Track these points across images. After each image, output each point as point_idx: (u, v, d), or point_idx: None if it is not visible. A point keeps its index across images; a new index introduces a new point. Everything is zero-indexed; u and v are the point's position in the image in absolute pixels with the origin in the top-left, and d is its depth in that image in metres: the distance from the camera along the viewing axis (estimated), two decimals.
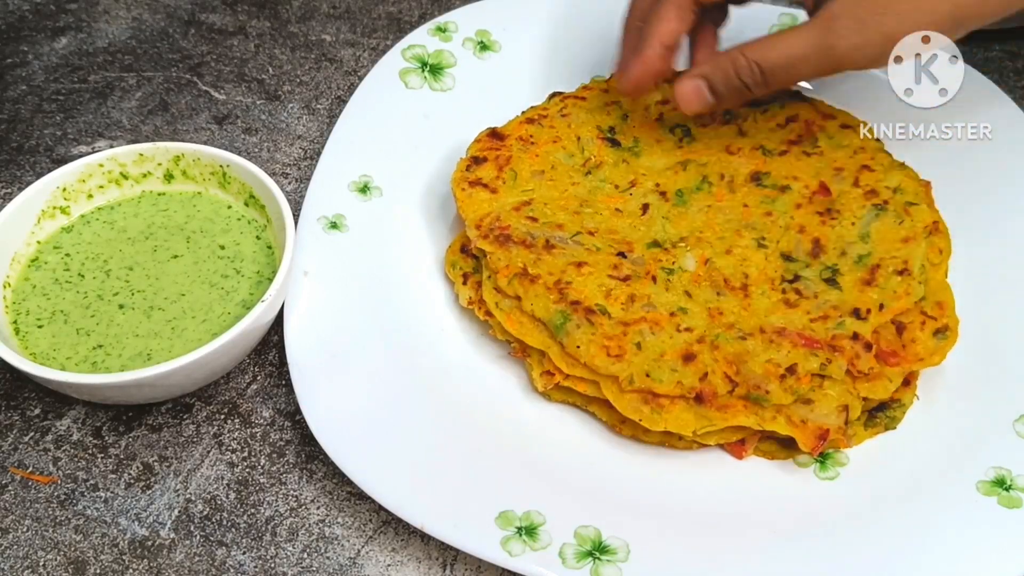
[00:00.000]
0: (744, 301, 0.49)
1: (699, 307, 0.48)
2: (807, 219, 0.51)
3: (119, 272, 0.52)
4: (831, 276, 0.49)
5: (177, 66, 0.73)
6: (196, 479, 0.49)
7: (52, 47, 0.74)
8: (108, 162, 0.55)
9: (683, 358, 0.46)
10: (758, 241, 0.51)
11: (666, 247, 0.51)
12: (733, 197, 0.53)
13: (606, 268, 0.50)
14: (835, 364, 0.45)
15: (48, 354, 0.48)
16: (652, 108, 0.59)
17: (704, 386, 0.45)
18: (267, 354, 0.54)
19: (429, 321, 0.53)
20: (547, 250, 0.50)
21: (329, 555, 0.46)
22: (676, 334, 0.47)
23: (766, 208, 0.52)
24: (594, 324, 0.47)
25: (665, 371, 0.46)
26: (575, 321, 0.47)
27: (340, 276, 0.54)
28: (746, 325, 0.47)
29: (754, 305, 0.48)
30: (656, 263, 0.50)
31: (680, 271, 0.50)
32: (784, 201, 0.53)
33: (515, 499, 0.45)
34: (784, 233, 0.51)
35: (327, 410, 0.47)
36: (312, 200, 0.56)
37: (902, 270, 0.48)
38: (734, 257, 0.50)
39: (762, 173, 0.54)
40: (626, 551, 0.43)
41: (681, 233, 0.52)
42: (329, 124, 0.67)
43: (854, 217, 0.51)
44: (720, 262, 0.50)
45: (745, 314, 0.48)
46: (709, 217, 0.53)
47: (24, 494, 0.48)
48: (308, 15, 0.77)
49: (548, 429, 0.49)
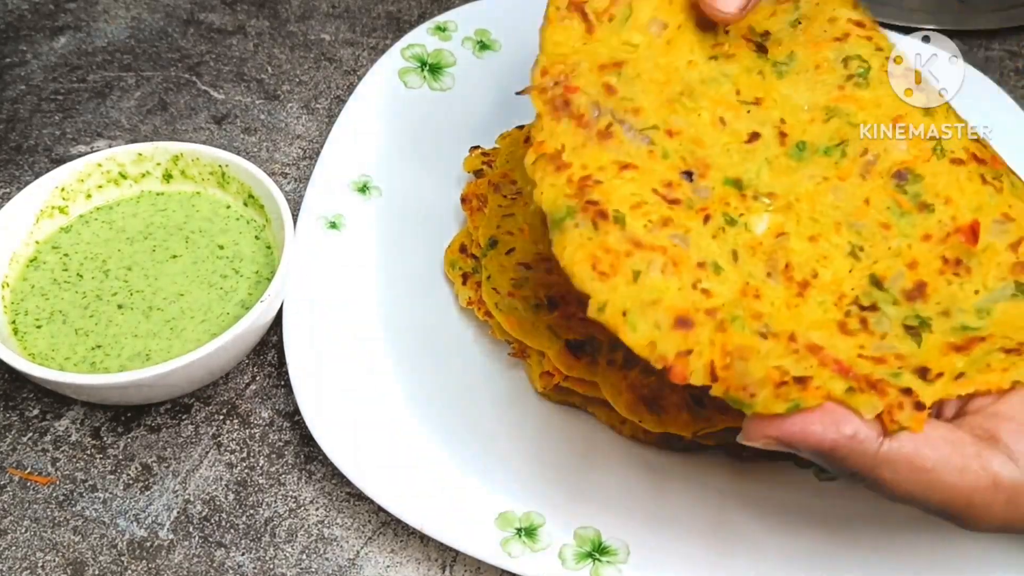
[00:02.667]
0: (793, 299, 0.38)
1: (737, 275, 0.37)
2: (927, 257, 0.39)
3: (118, 272, 0.52)
4: (916, 326, 0.37)
5: (176, 66, 0.72)
6: (195, 480, 0.49)
7: (51, 46, 0.74)
8: (107, 162, 0.55)
9: (676, 320, 0.35)
10: (853, 247, 0.39)
11: (746, 193, 0.40)
12: (859, 184, 0.41)
13: (656, 180, 0.38)
14: (866, 398, 0.33)
15: (47, 354, 0.48)
16: (841, 22, 0.44)
17: (677, 363, 0.34)
18: (266, 354, 0.54)
19: (428, 321, 0.53)
20: (601, 138, 0.39)
21: (328, 556, 0.46)
22: (689, 289, 0.36)
23: (888, 218, 0.40)
24: (598, 229, 0.36)
25: (645, 321, 0.35)
26: (577, 219, 0.36)
27: (339, 276, 0.53)
28: (776, 323, 0.36)
29: (802, 309, 0.37)
30: (722, 204, 0.39)
31: (744, 228, 0.39)
32: (915, 222, 0.40)
33: (515, 500, 0.45)
34: (890, 258, 0.39)
35: (326, 411, 0.47)
36: (311, 200, 0.56)
37: (1012, 349, 0.36)
38: (815, 248, 0.39)
39: (913, 174, 0.41)
40: (626, 552, 0.43)
41: (774, 188, 0.40)
42: (328, 124, 0.67)
43: (983, 285, 0.38)
44: (795, 244, 0.39)
45: (785, 312, 0.37)
46: (816, 190, 0.41)
47: (22, 495, 0.48)
48: (307, 14, 0.77)
49: (548, 429, 0.49)
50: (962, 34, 0.73)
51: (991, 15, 0.75)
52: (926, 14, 0.75)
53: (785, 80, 0.43)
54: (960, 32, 0.72)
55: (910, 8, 0.75)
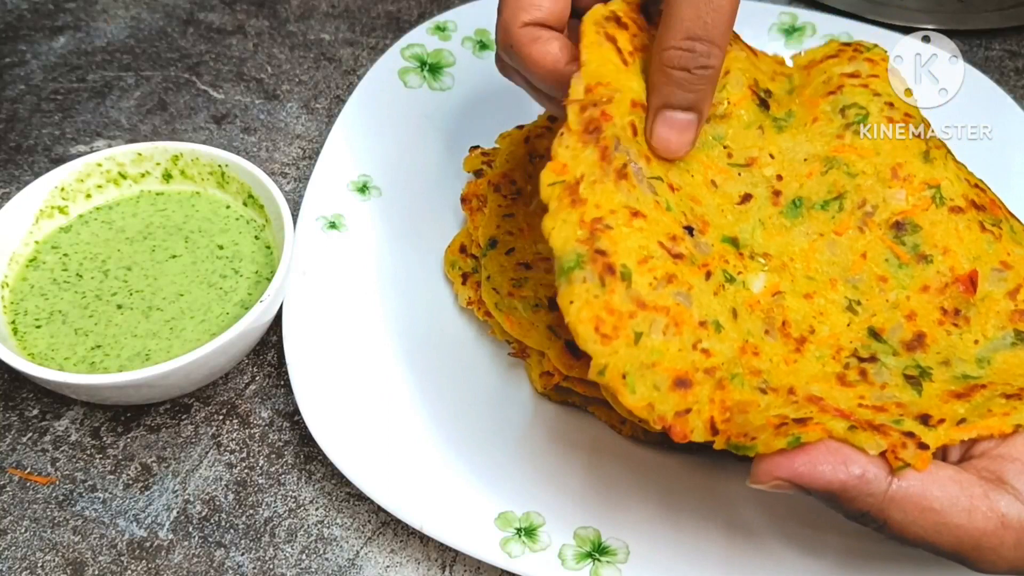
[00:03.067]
0: (791, 355, 0.38)
1: (736, 333, 0.38)
2: (925, 309, 0.39)
3: (117, 272, 0.52)
4: (916, 375, 0.38)
5: (176, 65, 0.72)
6: (194, 480, 0.49)
7: (50, 46, 0.74)
8: (106, 162, 0.55)
9: (675, 381, 0.35)
10: (850, 302, 0.40)
11: (742, 252, 0.41)
12: (856, 237, 0.41)
13: (662, 232, 0.38)
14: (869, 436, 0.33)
15: (46, 354, 0.48)
16: (834, 80, 0.45)
17: (676, 422, 0.35)
18: (266, 354, 0.54)
19: (428, 321, 0.53)
20: (618, 177, 0.38)
21: (328, 556, 0.46)
22: (689, 350, 0.36)
23: (886, 271, 0.40)
24: (604, 286, 0.35)
25: (644, 383, 0.35)
26: (586, 272, 0.35)
27: (339, 276, 0.53)
28: (775, 378, 0.37)
29: (800, 364, 0.38)
30: (721, 261, 0.39)
31: (741, 286, 0.39)
32: (912, 274, 0.40)
33: (515, 500, 0.45)
34: (888, 310, 0.40)
35: (326, 411, 0.47)
36: (311, 200, 0.56)
37: (1013, 395, 0.36)
38: (811, 305, 0.40)
39: (912, 225, 0.41)
40: (625, 552, 0.43)
41: (768, 248, 0.41)
42: (328, 123, 0.67)
43: (983, 335, 0.39)
44: (791, 302, 0.40)
45: (783, 368, 0.38)
46: (811, 248, 0.41)
47: (22, 495, 0.48)
48: (307, 14, 0.77)
49: (548, 429, 0.49)
50: (962, 34, 0.73)
51: (991, 15, 0.75)
52: (926, 14, 0.75)
53: (784, 134, 0.43)
54: (960, 32, 0.72)
55: (910, 8, 0.75)
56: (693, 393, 0.36)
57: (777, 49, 0.68)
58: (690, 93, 0.40)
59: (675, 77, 0.39)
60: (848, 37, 0.67)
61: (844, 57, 0.46)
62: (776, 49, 0.68)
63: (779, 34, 0.68)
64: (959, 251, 0.40)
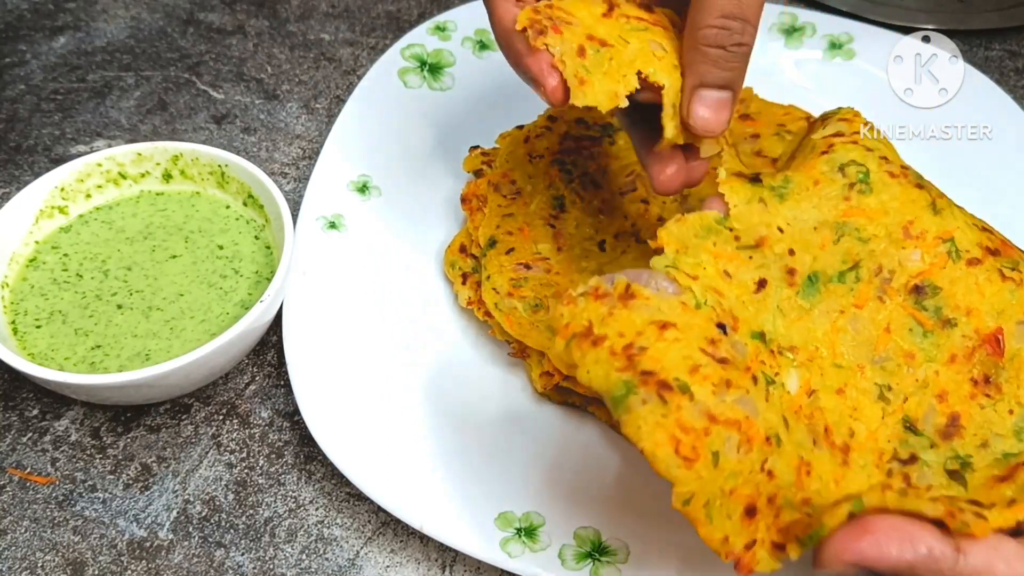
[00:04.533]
0: (840, 469, 0.37)
1: (792, 448, 0.36)
2: (955, 385, 0.39)
3: (117, 272, 0.52)
4: (958, 469, 0.37)
5: (175, 65, 0.72)
6: (194, 480, 0.49)
7: (50, 46, 0.74)
8: (106, 162, 0.55)
9: (746, 509, 0.34)
10: (881, 389, 0.39)
11: (772, 348, 0.39)
12: (877, 308, 0.40)
13: (699, 338, 0.35)
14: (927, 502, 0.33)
15: (46, 354, 0.48)
16: (819, 144, 0.43)
17: (743, 556, 0.34)
18: (266, 354, 0.54)
19: (428, 321, 0.53)
20: (625, 300, 0.36)
21: (328, 556, 0.46)
22: (758, 472, 0.34)
23: (912, 345, 0.39)
24: (668, 403, 0.33)
25: (721, 514, 0.34)
26: (641, 395, 0.33)
27: (339, 276, 0.53)
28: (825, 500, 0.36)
29: (848, 480, 0.37)
30: (758, 363, 0.37)
31: (781, 388, 0.38)
32: (938, 343, 0.39)
33: (515, 500, 0.45)
34: (918, 392, 0.39)
35: (326, 411, 0.47)
36: (311, 200, 0.56)
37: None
38: (845, 402, 0.39)
39: (932, 287, 0.40)
40: (625, 552, 0.43)
41: (793, 339, 0.39)
42: (328, 123, 0.67)
43: (1016, 402, 0.38)
44: (826, 401, 0.38)
45: (832, 489, 0.36)
46: (834, 329, 0.39)
47: (22, 495, 0.48)
48: (307, 14, 0.77)
49: (548, 429, 0.49)
50: (962, 34, 0.73)
51: (991, 15, 0.75)
52: (926, 14, 0.75)
53: (788, 202, 0.41)
54: (960, 32, 0.72)
55: (910, 8, 0.75)
56: (755, 522, 0.34)
57: (777, 49, 0.68)
58: (725, 71, 0.40)
59: (711, 55, 0.39)
60: (848, 37, 0.67)
61: (818, 127, 0.45)
62: (776, 49, 0.68)
63: (779, 34, 0.68)
64: (982, 308, 0.39)
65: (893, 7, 0.74)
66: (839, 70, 0.67)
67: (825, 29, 0.68)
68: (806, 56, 0.68)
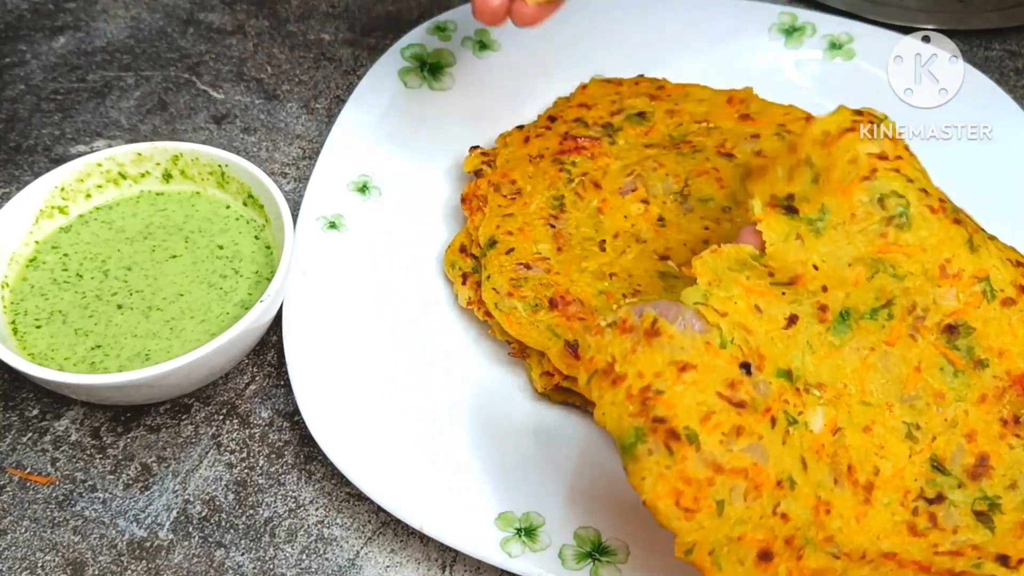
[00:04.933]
0: (861, 507, 0.37)
1: (809, 489, 0.36)
2: (984, 425, 0.38)
3: (117, 272, 0.52)
4: (986, 510, 0.36)
5: (175, 65, 0.72)
6: (195, 480, 0.49)
7: (50, 46, 0.74)
8: (106, 162, 0.55)
9: (759, 554, 0.34)
10: (909, 428, 0.38)
11: (798, 386, 0.38)
12: (909, 347, 0.39)
13: (719, 381, 0.36)
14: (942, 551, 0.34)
15: (46, 354, 0.48)
16: (862, 160, 0.41)
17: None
18: (266, 354, 0.54)
19: (428, 321, 0.53)
20: (650, 337, 0.36)
21: (328, 556, 0.46)
22: (769, 516, 0.35)
23: (942, 384, 0.39)
24: (673, 454, 0.34)
25: (729, 560, 0.34)
26: (649, 444, 0.34)
27: (339, 276, 0.53)
28: (847, 542, 0.36)
29: (870, 517, 0.37)
30: (781, 402, 0.37)
31: (804, 427, 0.37)
32: (969, 383, 0.39)
33: (515, 500, 0.45)
34: (947, 431, 0.38)
35: (326, 411, 0.47)
36: (311, 200, 0.56)
37: None
38: (872, 440, 0.38)
39: (965, 327, 0.39)
40: (625, 552, 0.43)
41: (821, 376, 0.38)
42: (328, 123, 0.67)
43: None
44: (852, 439, 0.38)
45: (854, 527, 0.36)
46: (864, 366, 0.39)
47: (22, 495, 0.48)
48: (307, 14, 0.77)
49: (548, 429, 0.49)
50: (962, 34, 0.72)
51: (991, 15, 0.75)
52: (926, 14, 0.75)
53: (824, 236, 0.40)
54: (960, 32, 0.72)
55: (910, 8, 0.75)
56: (773, 566, 0.34)
57: (777, 49, 0.68)
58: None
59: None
60: (848, 37, 0.67)
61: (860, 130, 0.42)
62: (776, 49, 0.68)
63: (779, 34, 0.68)
64: (1014, 349, 0.39)
65: (893, 7, 0.74)
66: (839, 70, 0.67)
67: (825, 29, 0.68)
68: (806, 56, 0.68)
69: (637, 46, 0.67)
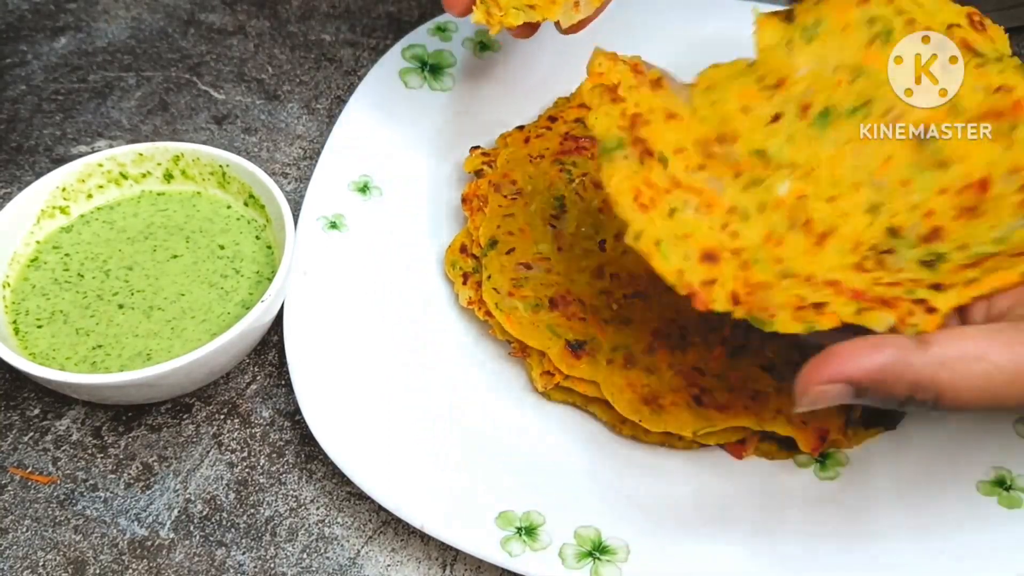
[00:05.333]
0: (813, 248, 0.40)
1: (762, 224, 0.40)
2: (943, 207, 0.41)
3: (118, 272, 0.52)
4: (933, 259, 0.39)
5: (176, 66, 0.73)
6: (196, 479, 0.49)
7: (51, 47, 0.74)
8: (107, 162, 0.55)
9: (704, 254, 0.39)
10: (873, 204, 0.41)
11: (769, 163, 0.43)
12: (883, 143, 0.43)
13: (696, 134, 0.42)
14: (876, 314, 0.35)
15: (47, 354, 0.48)
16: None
17: (702, 290, 0.37)
18: (267, 354, 0.54)
19: (429, 321, 0.53)
20: (655, 86, 0.43)
21: (329, 555, 0.46)
22: (718, 230, 0.40)
23: (908, 174, 0.42)
24: (643, 164, 0.40)
25: (676, 253, 0.38)
26: (626, 151, 0.40)
27: (340, 276, 0.53)
28: (796, 266, 0.39)
29: (820, 256, 0.40)
30: (749, 167, 0.42)
31: (767, 190, 0.42)
32: (933, 178, 0.41)
33: (515, 499, 0.45)
34: (908, 210, 0.41)
35: (327, 410, 0.47)
36: (312, 200, 0.56)
37: (1020, 253, 0.37)
38: (834, 208, 0.41)
39: (933, 135, 0.43)
40: (626, 551, 0.43)
41: (796, 159, 0.43)
42: (329, 124, 0.67)
43: (998, 222, 0.40)
44: (814, 204, 0.41)
45: (804, 258, 0.39)
46: (839, 154, 0.42)
47: (23, 494, 0.48)
48: (307, 15, 0.77)
49: (548, 429, 0.49)
50: None
51: (991, 15, 0.75)
52: None
53: (814, 44, 0.44)
54: None
55: None
56: (719, 268, 0.38)
57: None
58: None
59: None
60: None
61: None
62: None
63: None
64: (974, 159, 0.41)
65: None
66: None
67: None
68: None
69: (637, 46, 0.66)
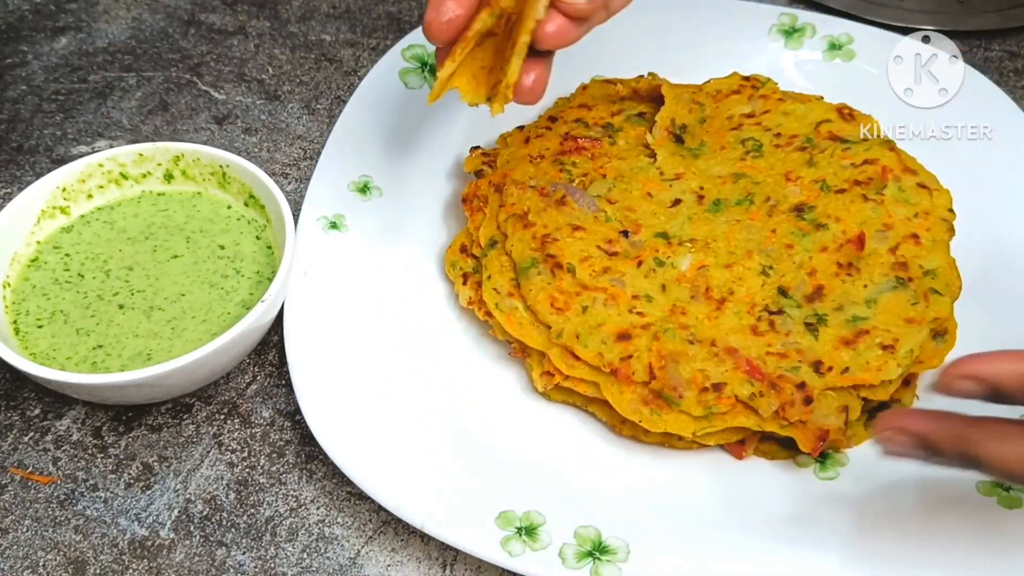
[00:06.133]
0: (714, 313, 0.48)
1: (666, 301, 0.48)
2: (824, 265, 0.49)
3: (119, 272, 0.52)
4: (815, 322, 0.47)
5: (177, 66, 0.73)
6: (196, 479, 0.49)
7: (52, 47, 0.74)
8: (108, 162, 0.55)
9: (618, 335, 0.46)
10: (764, 268, 0.49)
11: (672, 242, 0.51)
12: (767, 221, 0.51)
13: (601, 239, 0.50)
14: (765, 400, 0.44)
15: (48, 354, 0.48)
16: (735, 117, 0.57)
17: (622, 366, 0.45)
18: (267, 354, 0.54)
19: (429, 321, 0.53)
20: (558, 205, 0.52)
21: (329, 555, 0.46)
22: (626, 314, 0.47)
23: (791, 240, 0.50)
24: (555, 276, 0.49)
25: (594, 339, 0.46)
26: (539, 268, 0.49)
27: (340, 276, 0.53)
28: (700, 332, 0.46)
29: (721, 320, 0.47)
30: (652, 251, 0.50)
31: (670, 267, 0.49)
32: (813, 239, 0.50)
33: (515, 499, 0.45)
34: (794, 270, 0.49)
35: (327, 410, 0.47)
36: (312, 200, 0.56)
37: (888, 345, 0.45)
38: (731, 273, 0.49)
39: (808, 207, 0.51)
40: (626, 551, 0.43)
41: (695, 235, 0.51)
42: (329, 124, 0.67)
43: (870, 280, 0.48)
44: (714, 273, 0.49)
45: (707, 323, 0.47)
46: (731, 230, 0.51)
47: (24, 494, 0.48)
48: (308, 15, 0.77)
49: (548, 429, 0.49)
50: (962, 34, 0.73)
51: (991, 15, 0.75)
52: (926, 14, 0.75)
53: (700, 159, 0.56)
54: (960, 32, 0.72)
55: (910, 8, 0.75)
56: (633, 343, 0.46)
57: (777, 50, 0.68)
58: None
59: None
60: (848, 38, 0.67)
61: (744, 95, 0.58)
62: (776, 49, 0.68)
63: (779, 35, 0.68)
64: (849, 219, 0.50)
65: (893, 7, 0.74)
66: (839, 70, 0.67)
67: (825, 30, 0.68)
68: (806, 56, 0.68)
69: (637, 46, 0.67)
